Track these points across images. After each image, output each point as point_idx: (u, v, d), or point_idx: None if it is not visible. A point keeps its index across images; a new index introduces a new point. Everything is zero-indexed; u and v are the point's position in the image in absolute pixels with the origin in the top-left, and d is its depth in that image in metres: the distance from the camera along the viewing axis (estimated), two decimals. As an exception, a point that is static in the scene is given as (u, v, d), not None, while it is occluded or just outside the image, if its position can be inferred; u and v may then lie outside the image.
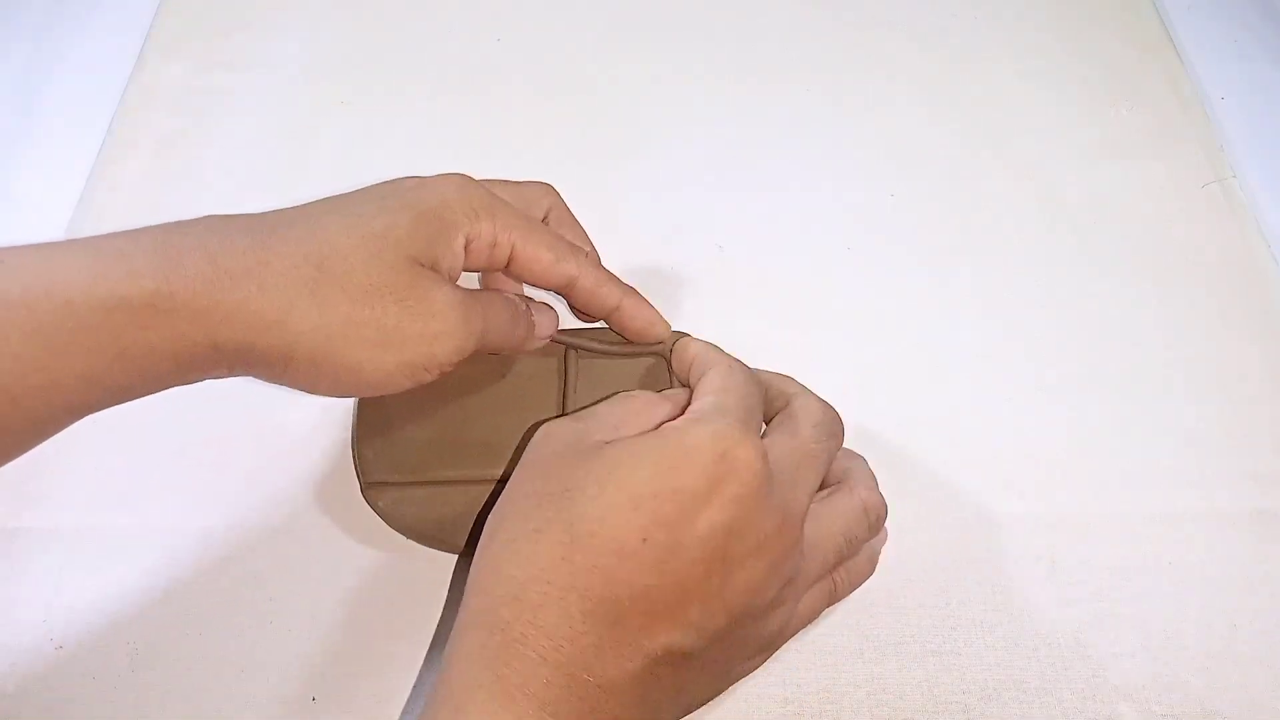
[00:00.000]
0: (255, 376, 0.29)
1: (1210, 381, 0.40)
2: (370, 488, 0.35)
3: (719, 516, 0.25)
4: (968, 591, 0.35)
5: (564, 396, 0.36)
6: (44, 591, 0.34)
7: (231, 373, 0.28)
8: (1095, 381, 0.40)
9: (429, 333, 0.29)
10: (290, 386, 0.29)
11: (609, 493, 0.26)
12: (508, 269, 0.32)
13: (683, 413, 0.29)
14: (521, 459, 0.29)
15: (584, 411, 0.30)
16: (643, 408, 0.30)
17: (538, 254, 0.32)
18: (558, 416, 0.34)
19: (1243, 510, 0.37)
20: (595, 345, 0.37)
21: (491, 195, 0.31)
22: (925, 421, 0.39)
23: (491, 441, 0.35)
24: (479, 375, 0.37)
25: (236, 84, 0.49)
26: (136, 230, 0.27)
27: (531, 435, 0.36)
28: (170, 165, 0.46)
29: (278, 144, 0.47)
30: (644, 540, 0.25)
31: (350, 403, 0.37)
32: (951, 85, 0.50)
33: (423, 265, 0.29)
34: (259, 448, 0.38)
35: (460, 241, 0.30)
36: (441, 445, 0.35)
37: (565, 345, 0.37)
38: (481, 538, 0.27)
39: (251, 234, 0.28)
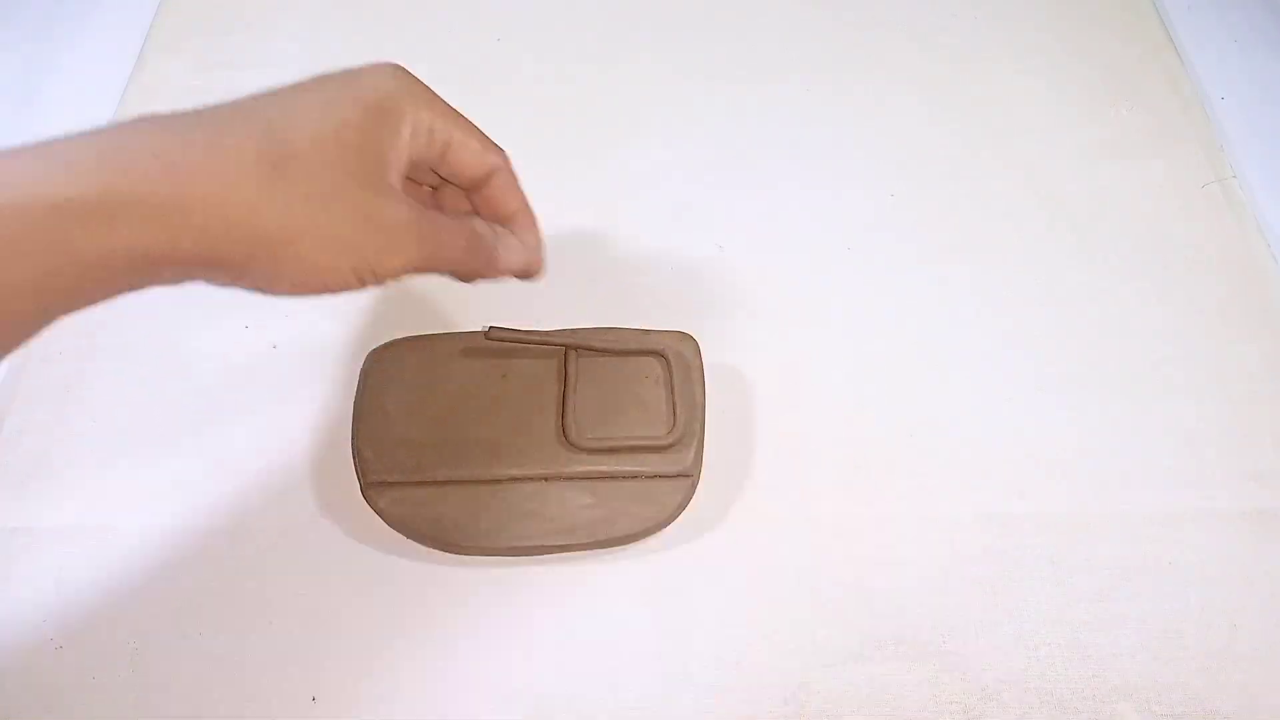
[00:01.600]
0: (210, 280, 0.28)
1: (1210, 381, 0.40)
2: (370, 488, 0.35)
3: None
4: (968, 591, 0.35)
5: (564, 396, 0.36)
6: (44, 591, 0.34)
7: (186, 275, 0.28)
8: (1095, 381, 0.40)
9: (380, 244, 0.29)
10: (244, 287, 0.29)
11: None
12: (440, 162, 0.33)
13: None
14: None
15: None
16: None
17: (468, 141, 0.32)
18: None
19: (1243, 510, 0.37)
20: (595, 345, 0.37)
21: (426, 86, 0.32)
22: (925, 421, 0.39)
23: (491, 441, 0.35)
24: (479, 375, 0.37)
25: (236, 83, 0.49)
26: (82, 132, 0.26)
27: (531, 435, 0.36)
28: (170, 165, 0.46)
29: (278, 144, 0.47)
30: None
31: (350, 403, 0.37)
32: (951, 85, 0.50)
33: (374, 170, 0.29)
34: (259, 448, 0.38)
35: (407, 130, 0.30)
36: (441, 445, 0.35)
37: (565, 345, 0.37)
38: None
39: (202, 129, 0.27)
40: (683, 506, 0.35)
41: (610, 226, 0.45)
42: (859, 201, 0.45)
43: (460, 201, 0.35)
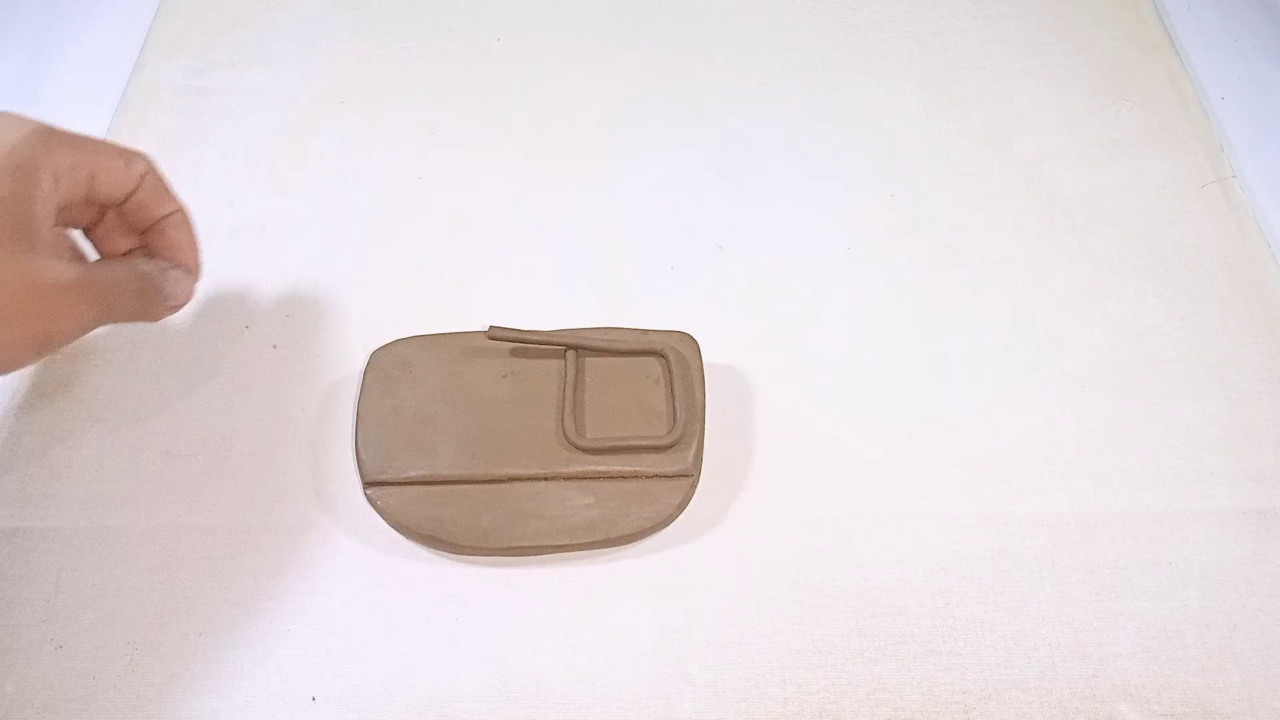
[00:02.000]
0: None
1: (1210, 381, 0.40)
2: (370, 488, 0.35)
3: None
4: (968, 591, 0.35)
5: (564, 396, 0.36)
6: (44, 591, 0.34)
7: None
8: (1095, 381, 0.40)
9: (49, 311, 0.28)
10: None
11: None
12: (90, 192, 0.31)
13: None
14: None
15: None
16: None
17: (110, 163, 0.31)
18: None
19: (1243, 510, 0.37)
20: (596, 345, 0.37)
21: (43, 123, 0.30)
22: (925, 421, 0.39)
23: (492, 441, 0.36)
24: (479, 375, 0.37)
25: (236, 83, 0.49)
26: None
27: (531, 435, 0.36)
28: (170, 165, 0.46)
29: (277, 144, 0.47)
30: None
31: (351, 401, 0.37)
32: (951, 85, 0.50)
33: (24, 233, 0.27)
34: (259, 447, 0.38)
35: (47, 181, 0.28)
36: (442, 445, 0.35)
37: (565, 345, 0.37)
38: None
39: None
40: (683, 506, 0.35)
41: (610, 226, 0.45)
42: (859, 201, 0.45)
43: (117, 233, 0.34)
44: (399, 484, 0.35)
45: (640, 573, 0.35)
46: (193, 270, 0.35)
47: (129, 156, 0.32)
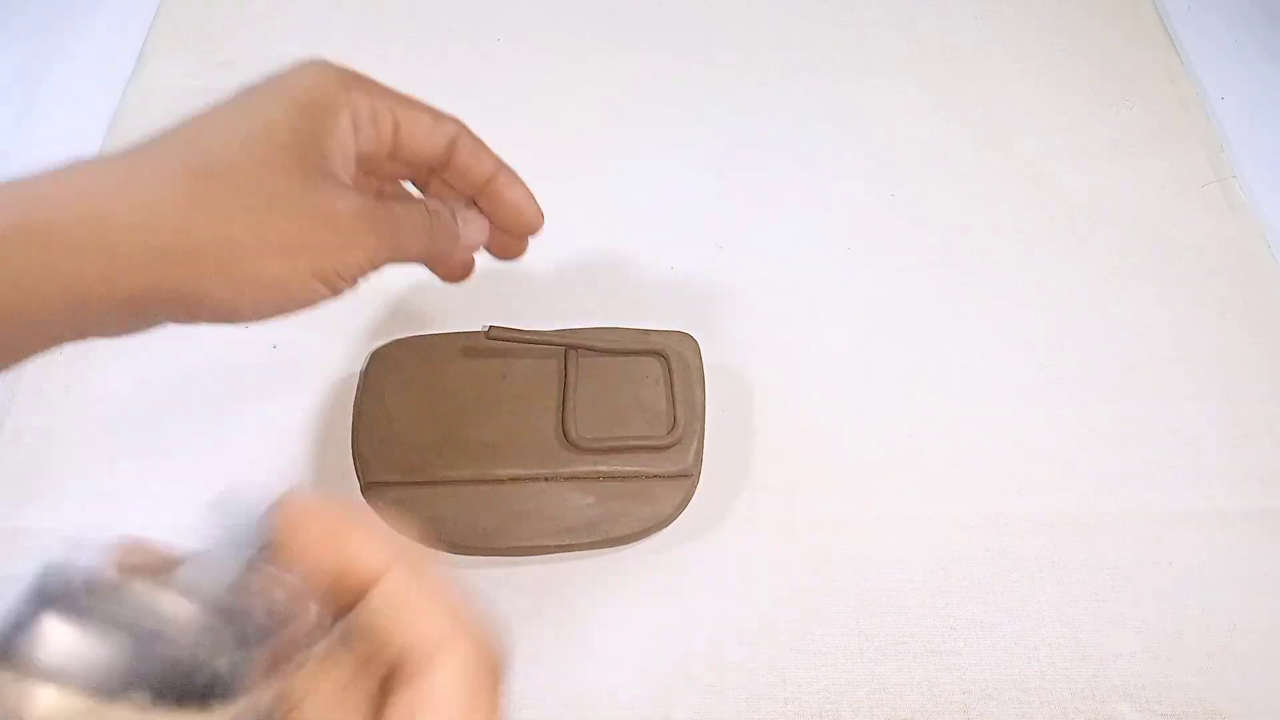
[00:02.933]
0: (169, 318, 0.26)
1: (1210, 381, 0.40)
2: (370, 488, 0.35)
3: None
4: (968, 591, 0.35)
5: (564, 396, 0.36)
6: (44, 591, 0.34)
7: (140, 315, 0.25)
8: (1095, 381, 0.40)
9: (334, 241, 0.26)
10: (206, 321, 0.26)
11: None
12: (395, 148, 0.30)
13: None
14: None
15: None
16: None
17: (418, 116, 0.30)
18: None
19: (1243, 510, 0.37)
20: (595, 345, 0.37)
21: (354, 70, 0.29)
22: (925, 421, 0.39)
23: (491, 441, 0.36)
24: (479, 375, 0.37)
25: (236, 83, 0.49)
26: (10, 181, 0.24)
27: (531, 435, 0.36)
28: (170, 165, 0.46)
29: (278, 144, 0.47)
30: None
31: (350, 402, 0.37)
32: (952, 85, 0.50)
33: (314, 165, 0.27)
34: (259, 448, 0.38)
35: (346, 121, 0.28)
36: (441, 445, 0.35)
37: (565, 345, 0.37)
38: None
39: (124, 158, 0.25)
40: (683, 506, 0.35)
41: (610, 226, 0.45)
42: (859, 201, 0.45)
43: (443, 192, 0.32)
44: (398, 484, 0.35)
45: (640, 573, 0.35)
46: (533, 227, 0.33)
47: (437, 115, 0.30)
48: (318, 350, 0.40)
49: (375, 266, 0.28)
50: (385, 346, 0.38)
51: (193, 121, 0.27)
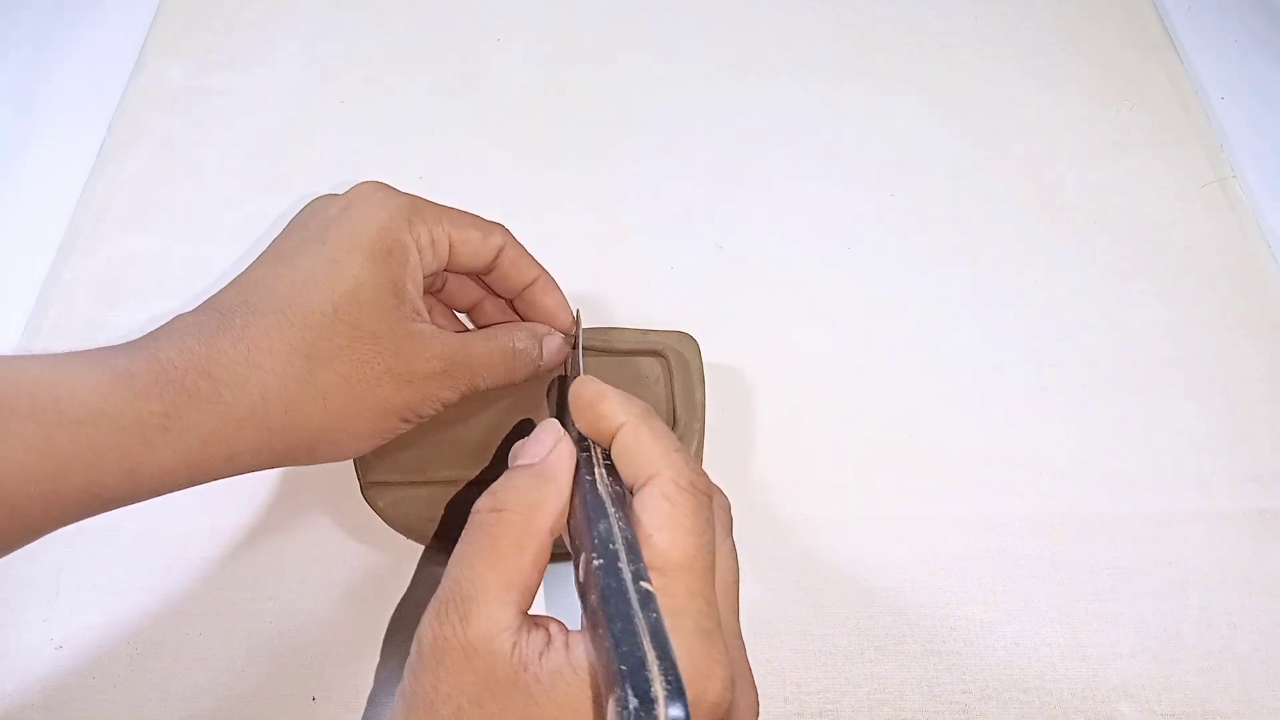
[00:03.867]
0: (278, 467, 0.30)
1: (1210, 381, 0.40)
2: (370, 488, 0.35)
3: None
4: (968, 591, 0.35)
5: (564, 396, 0.36)
6: (44, 591, 0.34)
7: (255, 468, 0.28)
8: (1095, 381, 0.40)
9: (419, 397, 0.30)
10: (317, 463, 0.30)
11: None
12: (449, 261, 0.32)
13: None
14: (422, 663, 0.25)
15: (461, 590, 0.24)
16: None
17: (468, 235, 0.32)
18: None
19: (1243, 510, 0.37)
20: (595, 345, 0.37)
21: (409, 195, 0.31)
22: (925, 421, 0.39)
23: (490, 441, 0.35)
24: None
25: (236, 84, 0.49)
26: (131, 345, 0.27)
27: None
28: (170, 165, 0.46)
29: (277, 144, 0.47)
30: None
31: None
32: (952, 85, 0.50)
33: (398, 314, 0.29)
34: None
35: (415, 258, 0.30)
36: (441, 445, 0.35)
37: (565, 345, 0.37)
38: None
39: (230, 333, 0.27)
40: (683, 506, 0.35)
41: (610, 226, 0.45)
42: (859, 201, 0.45)
43: (489, 304, 0.36)
44: (398, 484, 0.35)
45: (640, 573, 0.35)
46: (565, 330, 0.35)
47: (487, 230, 0.33)
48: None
49: (455, 397, 0.31)
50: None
51: (277, 278, 0.29)
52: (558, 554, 0.28)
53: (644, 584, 0.22)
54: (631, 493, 0.25)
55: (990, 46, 0.52)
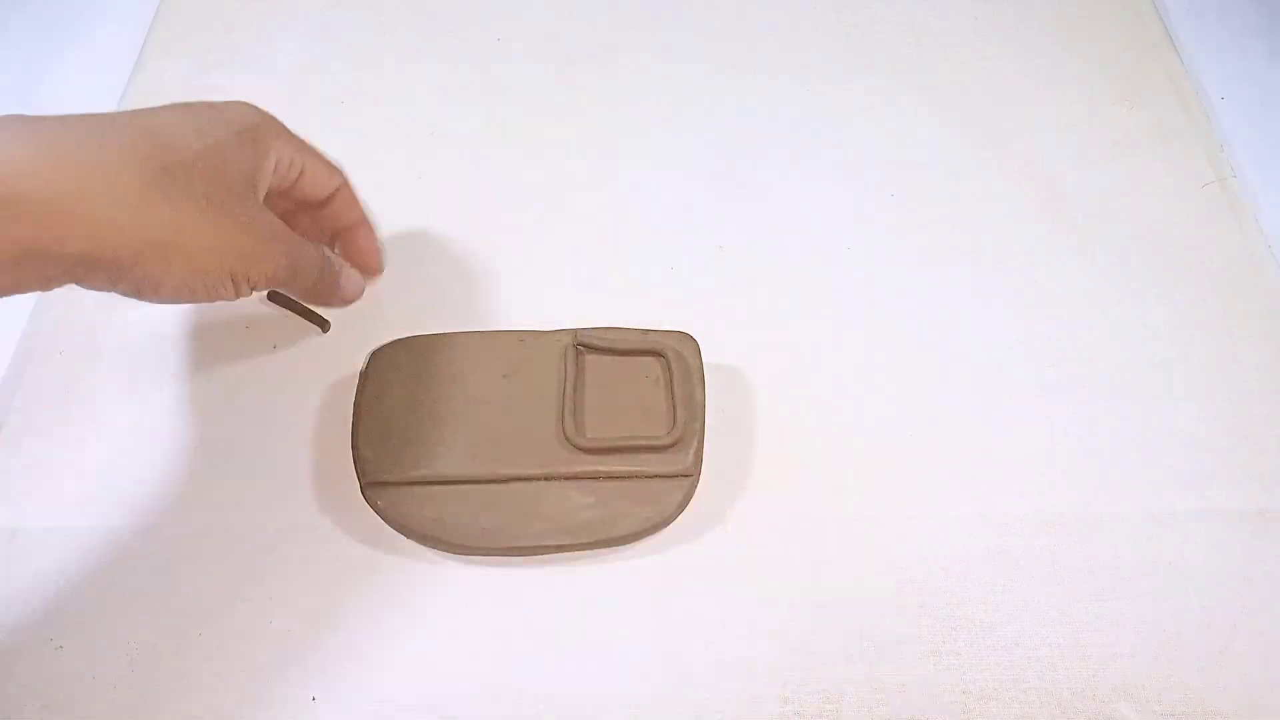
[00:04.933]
0: (86, 282, 0.29)
1: (1210, 381, 0.40)
2: (370, 488, 0.35)
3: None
4: (968, 591, 0.35)
5: (564, 396, 0.36)
6: (44, 591, 0.34)
7: (68, 276, 0.28)
8: (1095, 381, 0.40)
9: (255, 252, 0.31)
10: (120, 291, 0.29)
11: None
12: (293, 186, 0.35)
13: None
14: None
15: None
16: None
17: (318, 168, 0.36)
18: None
19: (1243, 510, 0.37)
20: (596, 344, 0.37)
21: (269, 114, 0.34)
22: (925, 421, 0.39)
23: (491, 441, 0.36)
24: (479, 375, 0.37)
25: (236, 84, 0.49)
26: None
27: (531, 435, 0.36)
28: (170, 165, 0.46)
29: (278, 144, 0.47)
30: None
31: (350, 402, 0.37)
32: (952, 85, 0.50)
33: (247, 186, 0.32)
34: (259, 448, 0.38)
35: (272, 161, 0.33)
36: (441, 445, 0.35)
37: (567, 344, 0.37)
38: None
39: (87, 128, 0.28)
40: (683, 506, 0.35)
41: (610, 226, 0.45)
42: (859, 201, 0.45)
43: (311, 232, 0.38)
44: (399, 484, 0.35)
45: (640, 573, 0.35)
46: (374, 272, 0.40)
47: (331, 168, 0.37)
48: (317, 350, 0.40)
49: (273, 284, 0.33)
50: (385, 346, 0.38)
51: (147, 115, 0.31)
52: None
53: None
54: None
55: (990, 46, 0.52)
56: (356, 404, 0.37)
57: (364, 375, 0.38)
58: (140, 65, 0.50)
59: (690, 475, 0.35)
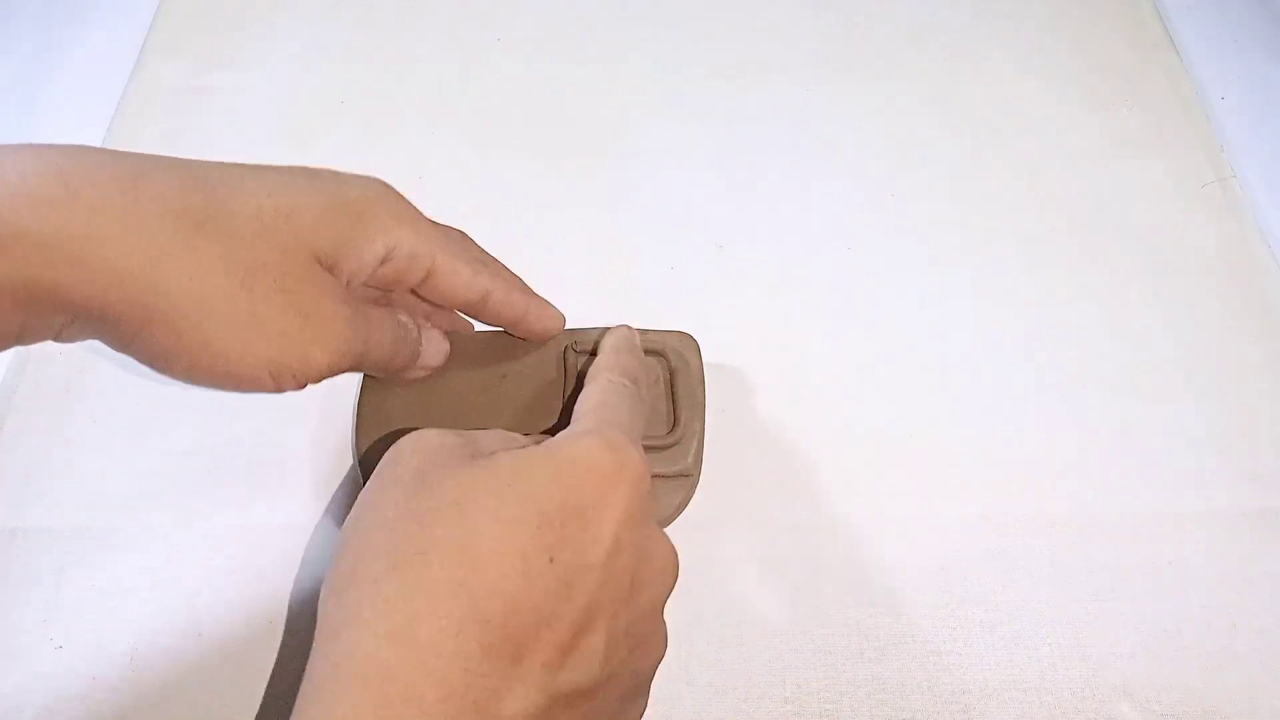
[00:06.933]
0: (102, 339, 0.24)
1: (1210, 381, 0.40)
2: (370, 488, 0.35)
3: (627, 535, 0.23)
4: (968, 591, 0.35)
5: (564, 396, 0.36)
6: (44, 591, 0.34)
7: (76, 332, 0.24)
8: (1095, 381, 0.40)
9: (306, 336, 0.25)
10: (138, 358, 0.25)
11: (510, 506, 0.22)
12: (420, 285, 0.29)
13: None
14: (380, 470, 0.25)
15: (453, 430, 0.26)
16: (518, 435, 0.28)
17: (456, 267, 0.29)
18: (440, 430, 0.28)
19: (1243, 510, 0.37)
20: (596, 344, 0.37)
21: (411, 204, 0.29)
22: (925, 421, 0.39)
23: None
24: (479, 376, 0.37)
25: (236, 83, 0.49)
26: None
27: (532, 435, 0.36)
28: (170, 165, 0.46)
29: (277, 144, 0.47)
30: (551, 560, 0.22)
31: (351, 401, 0.37)
32: (951, 85, 0.50)
33: (320, 262, 0.26)
34: (259, 448, 0.38)
35: (378, 249, 0.27)
36: (441, 445, 0.35)
37: (566, 345, 0.37)
38: (334, 562, 0.23)
39: (122, 165, 0.24)
40: (683, 506, 0.35)
41: (610, 226, 0.45)
42: (859, 201, 0.45)
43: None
44: (399, 484, 0.35)
45: (640, 573, 0.35)
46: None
47: (476, 268, 0.30)
48: (318, 350, 0.40)
49: (333, 373, 0.27)
50: (385, 346, 0.38)
51: (224, 167, 0.26)
52: None
53: None
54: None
55: (990, 47, 0.52)
56: (356, 404, 0.37)
57: (364, 375, 0.37)
58: (140, 65, 0.50)
59: (690, 475, 0.35)
